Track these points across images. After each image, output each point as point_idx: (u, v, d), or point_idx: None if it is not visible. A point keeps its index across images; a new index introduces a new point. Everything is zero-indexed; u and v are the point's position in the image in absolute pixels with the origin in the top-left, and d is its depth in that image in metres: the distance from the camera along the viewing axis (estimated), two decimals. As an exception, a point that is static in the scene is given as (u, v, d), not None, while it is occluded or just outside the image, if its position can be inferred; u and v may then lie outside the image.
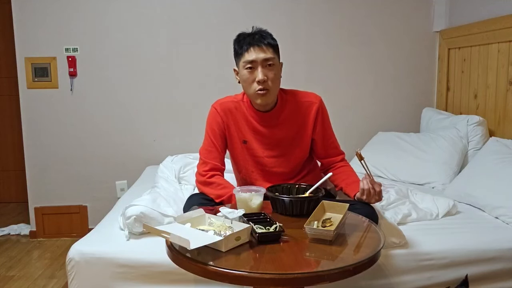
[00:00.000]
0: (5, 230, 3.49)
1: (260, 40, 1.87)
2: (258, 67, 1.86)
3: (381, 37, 3.35)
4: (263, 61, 1.86)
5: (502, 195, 2.16)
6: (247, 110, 1.99)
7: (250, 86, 1.88)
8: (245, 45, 1.88)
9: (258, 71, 1.85)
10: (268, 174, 2.01)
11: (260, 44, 1.86)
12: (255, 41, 1.87)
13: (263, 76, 1.84)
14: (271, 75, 1.87)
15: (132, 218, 1.87)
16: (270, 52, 1.87)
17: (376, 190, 1.73)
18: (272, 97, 1.92)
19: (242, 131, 2.00)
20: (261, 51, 1.86)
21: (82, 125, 3.30)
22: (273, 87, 1.88)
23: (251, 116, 1.98)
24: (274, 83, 1.88)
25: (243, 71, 1.90)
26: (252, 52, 1.86)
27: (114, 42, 3.24)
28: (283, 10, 3.25)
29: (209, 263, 1.28)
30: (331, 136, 2.05)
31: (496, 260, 1.88)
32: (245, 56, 1.87)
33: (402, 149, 2.91)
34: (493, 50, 2.72)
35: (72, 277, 1.81)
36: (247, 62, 1.87)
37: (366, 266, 1.33)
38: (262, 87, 1.85)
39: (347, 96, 3.34)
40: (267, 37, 1.89)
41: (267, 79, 1.85)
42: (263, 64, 1.86)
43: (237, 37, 1.95)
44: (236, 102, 2.02)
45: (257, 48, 1.86)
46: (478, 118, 2.75)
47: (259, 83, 1.85)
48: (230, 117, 2.00)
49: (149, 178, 2.77)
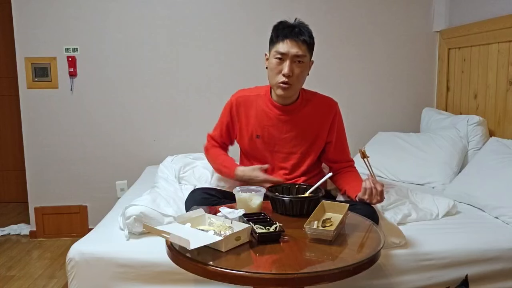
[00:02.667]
0: (5, 230, 3.49)
1: (297, 35, 1.87)
2: (287, 60, 1.88)
3: (381, 37, 3.35)
4: (293, 56, 1.87)
5: (502, 195, 2.15)
6: (266, 103, 2.02)
7: (275, 76, 1.91)
8: (281, 35, 1.89)
9: (286, 64, 1.87)
10: (277, 169, 2.04)
11: (296, 39, 1.87)
12: (292, 34, 1.87)
13: (289, 70, 1.87)
14: (297, 71, 1.89)
15: (132, 218, 1.87)
16: (303, 49, 1.88)
17: (378, 189, 1.73)
18: (293, 92, 1.95)
19: (255, 126, 2.03)
20: (295, 45, 1.87)
21: (82, 125, 3.30)
22: (296, 83, 1.91)
23: (270, 109, 2.01)
24: (298, 80, 1.91)
25: (272, 59, 1.92)
26: (286, 44, 1.87)
27: (114, 42, 3.24)
28: (283, 10, 3.24)
29: (209, 263, 1.28)
30: (344, 141, 2.09)
31: (496, 260, 1.88)
32: (279, 46, 1.89)
33: (402, 149, 2.91)
34: (493, 50, 2.72)
35: (72, 277, 1.81)
36: (278, 53, 1.88)
37: (366, 266, 1.33)
38: (286, 80, 1.88)
39: (347, 96, 3.34)
40: (304, 33, 1.89)
41: (292, 74, 1.88)
42: (293, 59, 1.88)
43: (277, 24, 1.95)
44: (255, 96, 2.05)
45: (292, 42, 1.87)
46: (478, 118, 2.75)
47: (284, 76, 1.87)
48: (243, 111, 2.05)
49: (149, 178, 2.77)
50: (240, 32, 3.28)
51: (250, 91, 2.10)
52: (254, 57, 3.13)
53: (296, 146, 2.02)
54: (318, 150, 2.05)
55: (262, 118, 2.02)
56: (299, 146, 2.02)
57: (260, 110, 2.03)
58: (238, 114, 2.07)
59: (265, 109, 2.02)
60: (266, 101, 2.03)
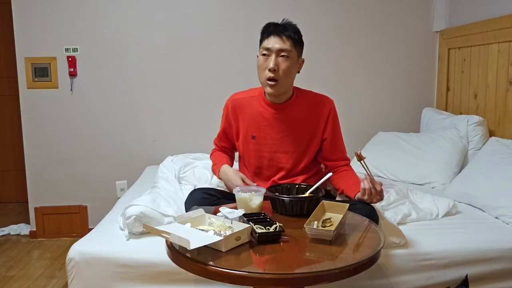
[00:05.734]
0: (5, 230, 3.49)
1: (282, 31, 1.91)
2: (272, 55, 1.90)
3: (381, 37, 3.35)
4: (278, 50, 1.90)
5: (502, 195, 2.16)
6: (260, 103, 2.03)
7: (262, 73, 1.94)
8: (266, 33, 1.94)
9: (271, 59, 1.90)
10: (275, 170, 2.05)
11: (280, 34, 1.91)
12: (276, 31, 1.92)
13: (274, 64, 1.89)
14: (283, 66, 1.90)
15: (132, 218, 1.87)
16: (288, 44, 1.91)
17: (377, 189, 1.73)
18: (281, 89, 1.95)
19: (251, 127, 2.04)
20: (279, 41, 1.90)
21: (82, 125, 3.30)
22: (283, 79, 1.92)
23: (264, 109, 2.02)
24: (285, 75, 1.92)
25: (259, 57, 1.96)
26: (270, 40, 1.92)
27: (114, 42, 3.24)
28: (283, 10, 3.23)
29: (209, 263, 1.28)
30: (339, 140, 2.08)
31: (496, 260, 1.88)
32: (264, 42, 1.94)
33: (402, 149, 2.91)
34: (493, 50, 2.72)
35: (72, 277, 1.81)
36: (264, 49, 1.93)
37: (366, 266, 1.33)
38: (272, 76, 1.89)
39: (347, 96, 3.34)
40: (289, 29, 1.93)
41: (277, 68, 1.89)
42: (278, 54, 1.90)
43: (265, 25, 2.00)
44: (249, 98, 2.07)
45: (276, 37, 1.91)
46: (478, 118, 2.75)
47: (269, 71, 1.89)
48: (239, 114, 2.07)
49: (149, 178, 2.77)
50: (240, 33, 3.28)
51: (244, 94, 2.11)
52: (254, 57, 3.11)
53: (293, 144, 2.02)
54: (315, 148, 2.05)
55: (258, 118, 2.02)
56: (296, 144, 2.02)
57: (256, 111, 2.03)
58: (233, 117, 2.08)
59: (260, 110, 2.03)
60: (260, 101, 2.03)
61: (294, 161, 2.03)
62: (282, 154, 2.03)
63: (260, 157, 2.05)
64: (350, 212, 1.67)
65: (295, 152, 2.02)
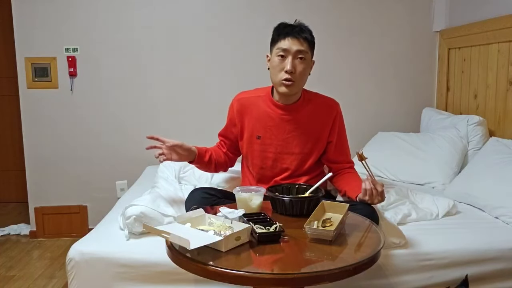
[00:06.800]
0: (5, 230, 3.49)
1: (299, 33, 1.91)
2: (289, 56, 1.90)
3: (381, 37, 3.35)
4: (295, 52, 1.90)
5: (502, 195, 2.15)
6: (267, 103, 2.03)
7: (278, 74, 1.92)
8: (282, 34, 1.92)
9: (288, 61, 1.89)
10: (279, 171, 2.04)
11: (297, 36, 1.90)
12: (294, 32, 1.91)
13: (291, 66, 1.89)
14: (300, 68, 1.91)
15: (132, 218, 1.87)
16: (305, 46, 1.91)
17: (378, 190, 1.73)
18: (296, 89, 1.96)
19: (257, 127, 2.03)
20: (297, 42, 1.90)
21: (82, 125, 3.30)
22: (299, 80, 1.93)
23: (271, 109, 2.02)
24: (301, 77, 1.93)
25: (274, 57, 1.94)
26: (287, 41, 1.90)
27: (114, 42, 3.24)
28: (284, 10, 3.25)
29: (209, 263, 1.28)
30: (344, 142, 2.09)
31: (496, 260, 1.88)
32: (280, 43, 1.91)
33: (402, 149, 2.91)
34: (493, 50, 2.72)
35: (72, 277, 1.81)
36: (280, 50, 1.91)
37: (366, 266, 1.33)
38: (289, 77, 1.89)
39: (347, 96, 3.33)
40: (306, 31, 1.93)
41: (295, 71, 1.90)
42: (295, 56, 1.90)
43: (278, 25, 1.98)
44: (256, 98, 2.06)
45: (294, 39, 1.90)
46: (478, 118, 2.75)
47: (286, 72, 1.89)
48: (245, 113, 2.06)
49: (149, 178, 2.77)
50: (240, 33, 3.28)
51: (250, 93, 2.11)
52: (255, 57, 3.12)
53: (299, 146, 2.02)
54: (320, 150, 2.06)
55: (264, 119, 2.02)
56: (301, 146, 2.02)
57: (262, 111, 2.03)
58: (238, 116, 2.08)
59: (267, 110, 2.02)
60: (267, 101, 2.03)
61: (298, 163, 2.03)
62: (287, 155, 2.03)
63: (264, 157, 2.05)
64: (350, 212, 1.67)
65: (300, 154, 2.02)
